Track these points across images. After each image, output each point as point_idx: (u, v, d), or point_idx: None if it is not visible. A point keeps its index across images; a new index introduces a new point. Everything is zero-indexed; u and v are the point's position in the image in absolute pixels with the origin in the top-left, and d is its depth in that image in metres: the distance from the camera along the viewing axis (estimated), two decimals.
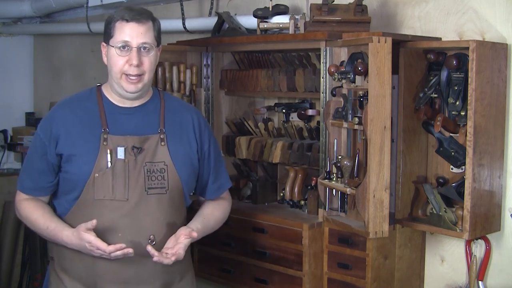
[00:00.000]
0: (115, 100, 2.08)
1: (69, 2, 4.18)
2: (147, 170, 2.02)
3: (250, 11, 2.85)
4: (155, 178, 2.03)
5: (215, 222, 2.23)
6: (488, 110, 2.24)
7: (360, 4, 2.47)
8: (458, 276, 2.53)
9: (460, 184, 2.31)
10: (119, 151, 2.00)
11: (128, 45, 1.98)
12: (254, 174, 3.02)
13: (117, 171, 1.99)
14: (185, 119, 2.16)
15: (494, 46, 2.26)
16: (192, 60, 3.05)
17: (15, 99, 5.05)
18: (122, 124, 2.05)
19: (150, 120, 2.09)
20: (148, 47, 2.00)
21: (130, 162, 2.01)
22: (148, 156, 2.03)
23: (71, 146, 2.01)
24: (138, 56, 1.97)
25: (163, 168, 2.04)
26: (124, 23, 1.98)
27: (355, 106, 2.38)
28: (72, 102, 2.11)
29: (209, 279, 2.94)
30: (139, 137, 2.04)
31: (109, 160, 1.99)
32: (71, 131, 2.02)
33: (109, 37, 2.01)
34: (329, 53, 2.47)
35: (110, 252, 1.89)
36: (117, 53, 1.98)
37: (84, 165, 1.99)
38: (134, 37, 1.97)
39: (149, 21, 2.01)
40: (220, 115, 3.10)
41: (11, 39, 5.09)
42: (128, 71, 1.98)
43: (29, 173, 2.10)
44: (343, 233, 2.46)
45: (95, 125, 2.03)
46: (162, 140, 2.07)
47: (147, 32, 1.99)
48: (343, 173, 2.41)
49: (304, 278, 2.50)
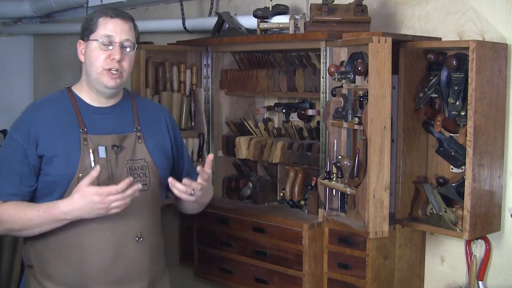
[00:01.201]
0: (90, 100, 2.06)
1: (69, 2, 4.18)
2: (129, 167, 2.03)
3: (250, 11, 2.85)
4: (138, 175, 2.04)
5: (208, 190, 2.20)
6: (488, 110, 2.24)
7: (360, 4, 2.47)
8: (458, 276, 2.53)
9: (460, 184, 2.31)
10: (100, 150, 1.99)
11: (111, 40, 1.97)
12: (254, 174, 3.02)
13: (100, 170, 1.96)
14: (158, 117, 2.19)
15: (494, 46, 2.26)
16: (192, 60, 3.05)
17: (15, 99, 5.05)
18: (99, 124, 2.04)
19: (125, 119, 2.09)
20: (129, 45, 2.00)
21: (112, 161, 2.01)
22: (128, 154, 2.04)
23: (51, 147, 1.97)
24: (120, 52, 1.98)
25: (144, 165, 2.06)
26: (108, 19, 1.99)
27: (355, 106, 2.38)
28: (47, 103, 2.08)
29: (209, 279, 2.94)
30: (118, 136, 2.04)
31: (92, 159, 1.97)
32: (51, 132, 1.99)
33: (90, 32, 2.00)
34: (329, 53, 2.47)
35: (122, 189, 1.84)
36: (100, 47, 1.97)
37: (67, 165, 1.96)
38: (118, 32, 1.98)
39: (131, 22, 2.04)
40: (220, 115, 3.10)
41: (11, 39, 5.09)
42: (110, 65, 1.97)
43: (8, 178, 2.00)
44: (343, 233, 2.46)
45: (73, 126, 2.01)
46: (140, 138, 2.08)
47: (130, 30, 2.01)
48: (343, 173, 2.41)
49: (304, 278, 2.50)
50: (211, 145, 3.06)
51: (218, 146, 3.09)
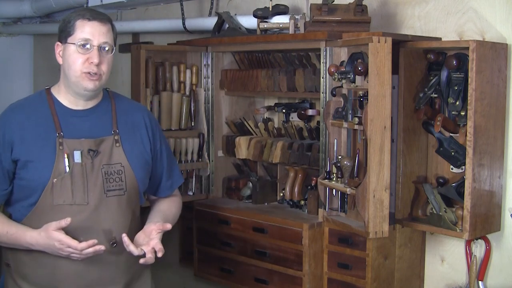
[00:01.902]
0: (68, 102, 2.04)
1: (69, 2, 4.17)
2: (105, 172, 2.00)
3: (250, 11, 2.85)
4: (113, 180, 2.01)
5: (173, 218, 2.21)
6: (488, 110, 2.24)
7: (360, 4, 2.47)
8: (458, 276, 2.53)
9: (460, 184, 2.31)
10: (75, 155, 1.97)
11: (89, 43, 1.94)
12: (254, 174, 3.02)
13: (75, 175, 1.96)
14: (137, 118, 2.15)
15: (494, 46, 2.26)
16: (192, 60, 3.05)
17: (15, 99, 5.04)
18: (76, 127, 2.01)
19: (103, 122, 2.07)
20: (108, 48, 1.98)
21: (87, 166, 1.98)
22: (104, 158, 2.02)
23: (26, 152, 1.96)
24: (98, 55, 1.95)
25: (120, 170, 2.03)
26: (85, 22, 1.95)
27: (355, 106, 2.38)
28: (24, 106, 2.06)
29: (209, 279, 2.94)
30: (94, 140, 2.01)
31: (67, 164, 1.95)
32: (26, 136, 1.97)
33: (67, 35, 1.96)
34: (329, 53, 2.47)
35: (82, 249, 1.85)
36: (78, 50, 1.94)
37: (42, 170, 1.94)
38: (96, 35, 1.95)
39: (109, 23, 2.00)
40: (220, 115, 3.10)
41: (11, 39, 5.09)
42: (88, 69, 1.94)
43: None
44: (343, 233, 2.46)
45: (49, 129, 1.98)
46: (117, 141, 2.05)
47: (108, 32, 1.98)
48: (343, 173, 2.41)
49: (304, 278, 2.50)
50: (211, 145, 3.06)
51: (218, 146, 3.09)
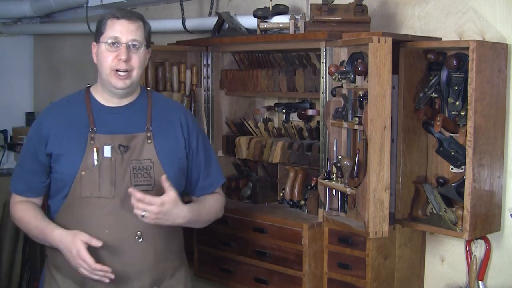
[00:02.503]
0: (103, 100, 2.12)
1: (69, 2, 4.18)
2: (133, 167, 2.05)
3: (250, 11, 2.85)
4: (141, 175, 2.06)
5: (209, 208, 2.22)
6: (488, 110, 2.24)
7: (360, 4, 2.47)
8: (458, 276, 2.53)
9: (460, 184, 2.31)
10: (105, 150, 2.03)
11: (117, 41, 2.02)
12: (254, 174, 3.02)
13: (103, 169, 2.02)
14: (172, 117, 2.18)
15: (494, 46, 2.26)
16: (192, 60, 3.05)
17: (15, 99, 5.05)
18: (109, 123, 2.08)
19: (137, 119, 2.12)
20: (137, 45, 2.04)
21: (116, 160, 2.04)
22: (134, 154, 2.06)
23: (59, 146, 2.05)
24: (127, 52, 2.01)
25: (149, 166, 2.07)
26: (115, 20, 2.03)
27: (355, 106, 2.38)
28: (62, 104, 2.16)
29: (209, 279, 2.94)
30: (126, 136, 2.07)
31: (95, 158, 2.02)
32: (60, 131, 2.06)
33: (100, 34, 2.05)
34: (329, 53, 2.47)
35: (95, 268, 1.92)
36: (107, 48, 2.02)
37: (71, 164, 2.03)
38: (124, 33, 2.01)
39: (140, 21, 2.07)
40: (220, 115, 3.10)
41: (11, 39, 5.09)
42: (117, 66, 2.02)
43: (22, 174, 2.14)
44: (343, 233, 2.46)
45: (83, 125, 2.06)
46: (149, 138, 2.10)
47: (137, 30, 2.04)
48: (343, 173, 2.41)
49: (304, 278, 2.50)
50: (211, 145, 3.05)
51: (218, 146, 3.08)
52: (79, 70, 4.65)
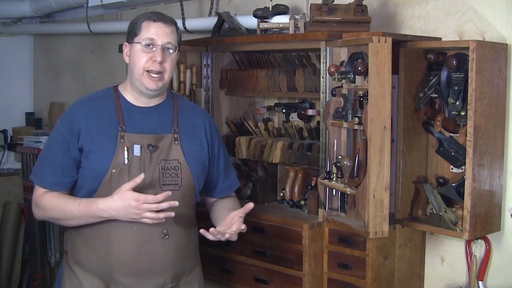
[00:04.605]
0: (132, 99, 2.17)
1: (69, 2, 4.18)
2: (162, 167, 2.11)
3: (250, 11, 2.85)
4: (169, 175, 2.12)
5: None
6: (488, 110, 2.24)
7: (360, 4, 2.47)
8: (458, 276, 2.53)
9: (460, 184, 2.31)
10: (135, 149, 2.08)
11: (153, 43, 2.08)
12: (254, 174, 3.02)
13: (133, 168, 2.07)
14: (197, 121, 2.26)
15: (494, 46, 2.26)
16: (192, 60, 3.05)
17: (15, 99, 5.05)
18: (138, 123, 2.13)
19: (164, 120, 2.18)
20: (171, 48, 2.11)
21: (145, 159, 2.09)
22: (162, 154, 2.12)
23: (90, 142, 2.09)
24: (162, 54, 2.07)
25: (177, 166, 2.13)
26: (151, 23, 2.10)
27: (355, 106, 2.38)
28: (91, 101, 2.19)
29: (209, 279, 2.94)
30: (154, 136, 2.13)
31: (126, 157, 2.07)
32: (91, 127, 2.10)
33: (134, 35, 2.11)
34: (329, 53, 2.47)
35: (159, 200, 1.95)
36: (142, 49, 2.07)
37: (102, 160, 2.07)
38: (160, 36, 2.08)
39: (174, 25, 2.15)
40: (220, 115, 3.10)
41: (11, 39, 5.09)
42: (151, 67, 2.07)
43: (51, 168, 2.13)
44: (343, 233, 2.46)
45: (113, 123, 2.11)
46: (176, 140, 2.16)
47: (172, 33, 2.12)
48: (343, 173, 2.41)
49: (304, 278, 2.50)
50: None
51: None
52: (79, 70, 4.65)
